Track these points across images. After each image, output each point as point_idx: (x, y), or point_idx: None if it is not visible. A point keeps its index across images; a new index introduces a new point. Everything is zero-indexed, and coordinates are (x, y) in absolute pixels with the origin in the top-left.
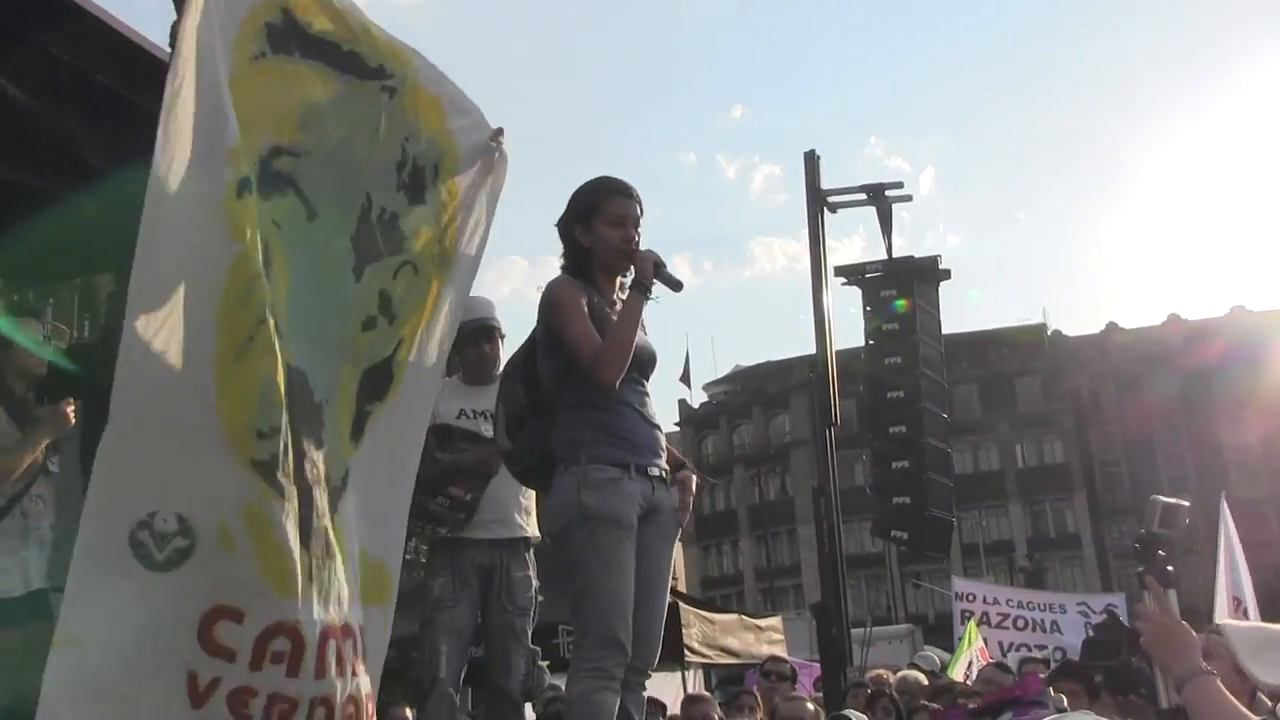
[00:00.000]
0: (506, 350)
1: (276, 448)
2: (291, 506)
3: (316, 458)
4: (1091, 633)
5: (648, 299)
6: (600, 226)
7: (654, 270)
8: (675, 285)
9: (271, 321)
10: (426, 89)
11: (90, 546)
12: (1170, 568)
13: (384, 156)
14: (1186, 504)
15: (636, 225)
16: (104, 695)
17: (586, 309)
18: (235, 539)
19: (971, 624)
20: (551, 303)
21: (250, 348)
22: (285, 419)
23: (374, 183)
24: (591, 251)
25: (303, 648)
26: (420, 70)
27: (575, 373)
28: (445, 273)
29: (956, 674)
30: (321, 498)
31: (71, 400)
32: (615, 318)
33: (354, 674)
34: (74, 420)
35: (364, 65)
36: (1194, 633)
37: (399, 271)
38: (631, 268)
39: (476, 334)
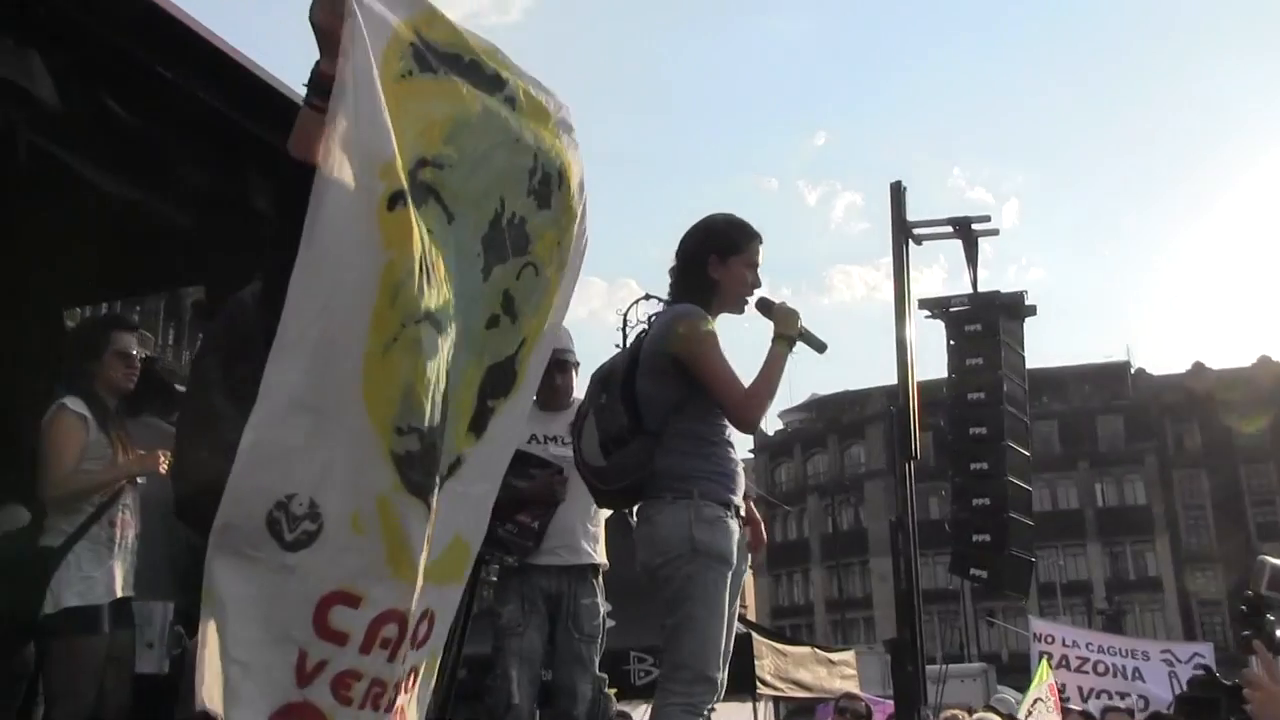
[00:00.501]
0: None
1: (414, 445)
2: (419, 502)
3: (444, 452)
4: (1181, 684)
5: (789, 353)
6: (737, 265)
7: (799, 328)
8: (820, 347)
9: (419, 325)
10: (531, 93)
11: (230, 521)
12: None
13: (521, 163)
14: None
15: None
16: (225, 654)
17: None
18: (365, 526)
19: (1044, 663)
20: (695, 336)
21: (394, 347)
22: (424, 422)
23: (509, 188)
24: (718, 286)
25: (404, 634)
26: (519, 74)
27: (692, 405)
28: (561, 273)
29: (1020, 713)
30: (437, 491)
31: (164, 454)
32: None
33: (395, 660)
34: (164, 468)
35: (484, 75)
36: None
37: (521, 272)
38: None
39: (555, 364)
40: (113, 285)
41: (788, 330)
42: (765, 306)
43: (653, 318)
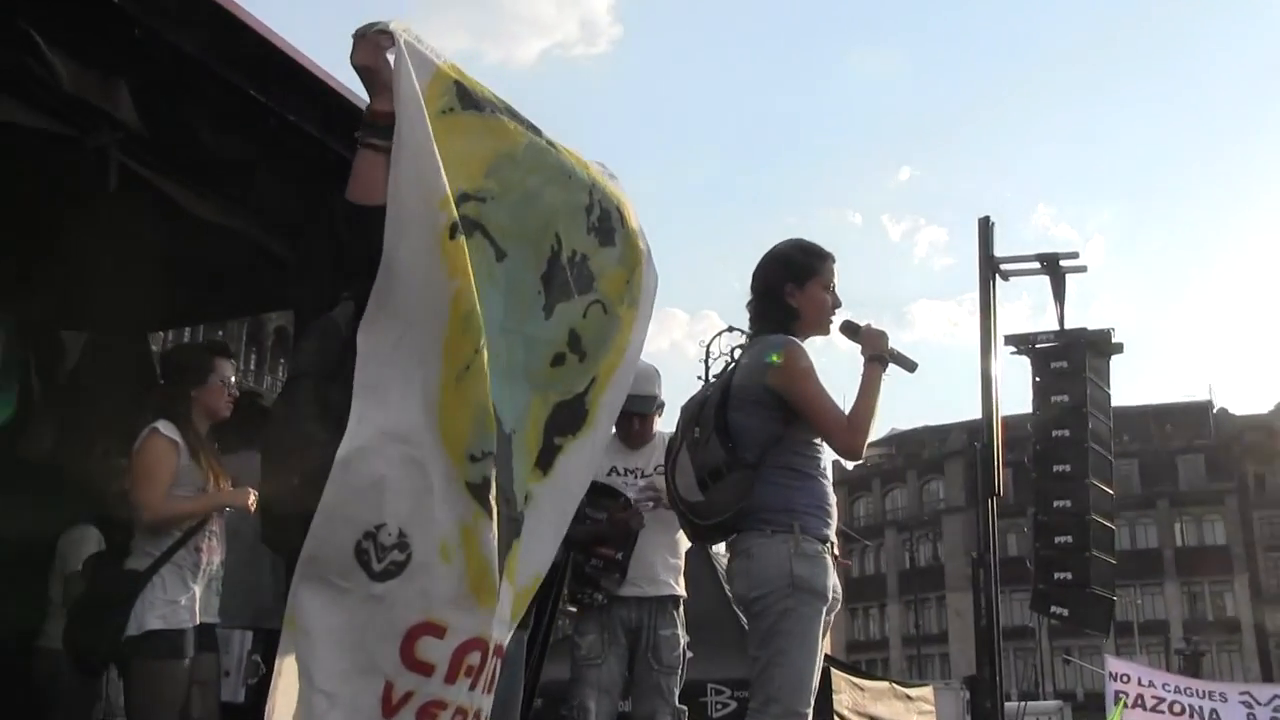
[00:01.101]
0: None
1: (488, 471)
2: (495, 528)
3: (505, 486)
4: None
5: (884, 373)
6: (814, 289)
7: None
8: (911, 366)
9: (485, 353)
10: (560, 142)
11: (318, 549)
12: None
13: (575, 201)
14: None
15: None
16: (309, 682)
17: None
18: (452, 555)
19: (1120, 705)
20: (791, 366)
21: (466, 375)
22: (495, 446)
23: (565, 226)
24: (799, 313)
25: (485, 661)
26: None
27: (792, 436)
28: (634, 311)
29: None
30: (509, 524)
31: (255, 492)
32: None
33: (487, 691)
34: (253, 507)
35: (521, 117)
36: None
37: (588, 310)
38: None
39: (642, 403)
40: (197, 310)
41: (878, 351)
42: (851, 330)
43: (736, 350)
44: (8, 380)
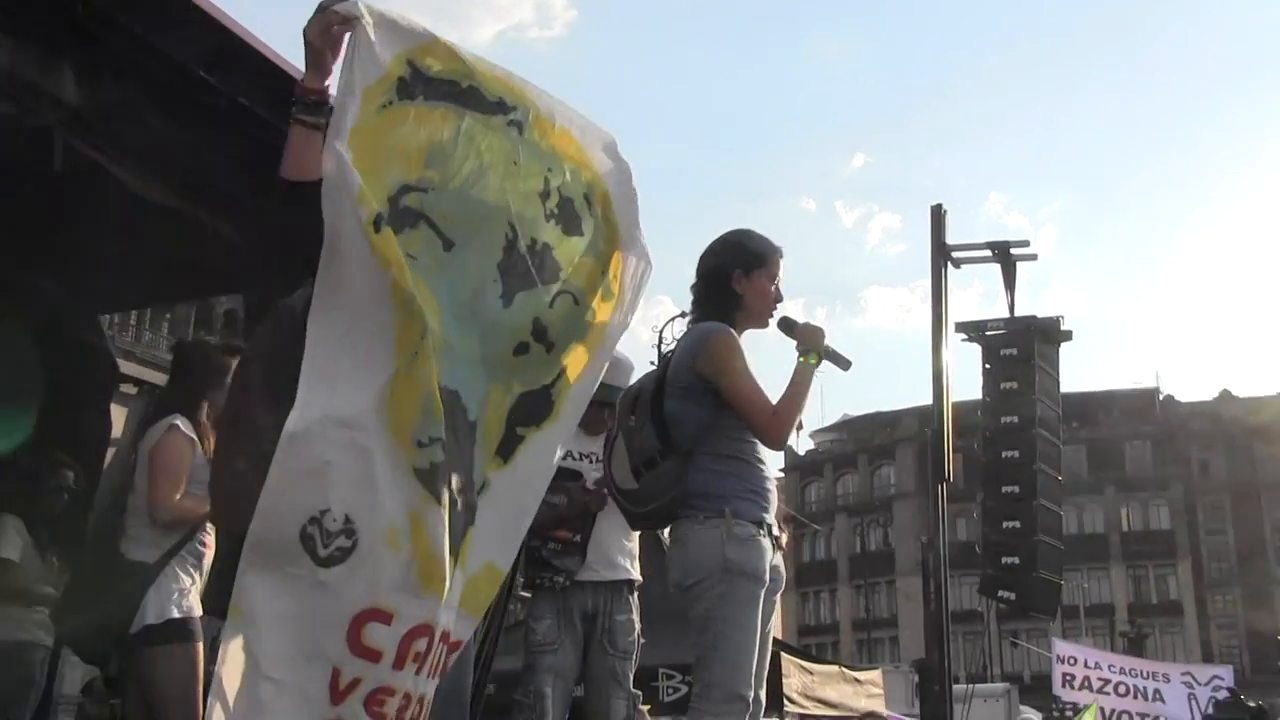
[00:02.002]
0: None
1: (436, 457)
2: (445, 514)
3: (465, 473)
4: (1200, 705)
5: (815, 370)
6: (761, 279)
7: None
8: (844, 364)
9: (430, 339)
10: (552, 120)
11: (263, 535)
12: None
13: (526, 187)
14: None
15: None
16: (255, 668)
17: None
18: (399, 542)
19: (1093, 708)
20: (720, 353)
21: (415, 361)
22: (443, 432)
23: (519, 213)
24: (743, 301)
25: (432, 647)
26: (539, 101)
27: (722, 423)
28: (610, 304)
29: None
30: (465, 511)
31: None
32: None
33: (433, 675)
34: None
35: (484, 100)
36: None
37: (556, 300)
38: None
39: (614, 394)
40: (145, 294)
41: (813, 347)
42: (788, 326)
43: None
44: None
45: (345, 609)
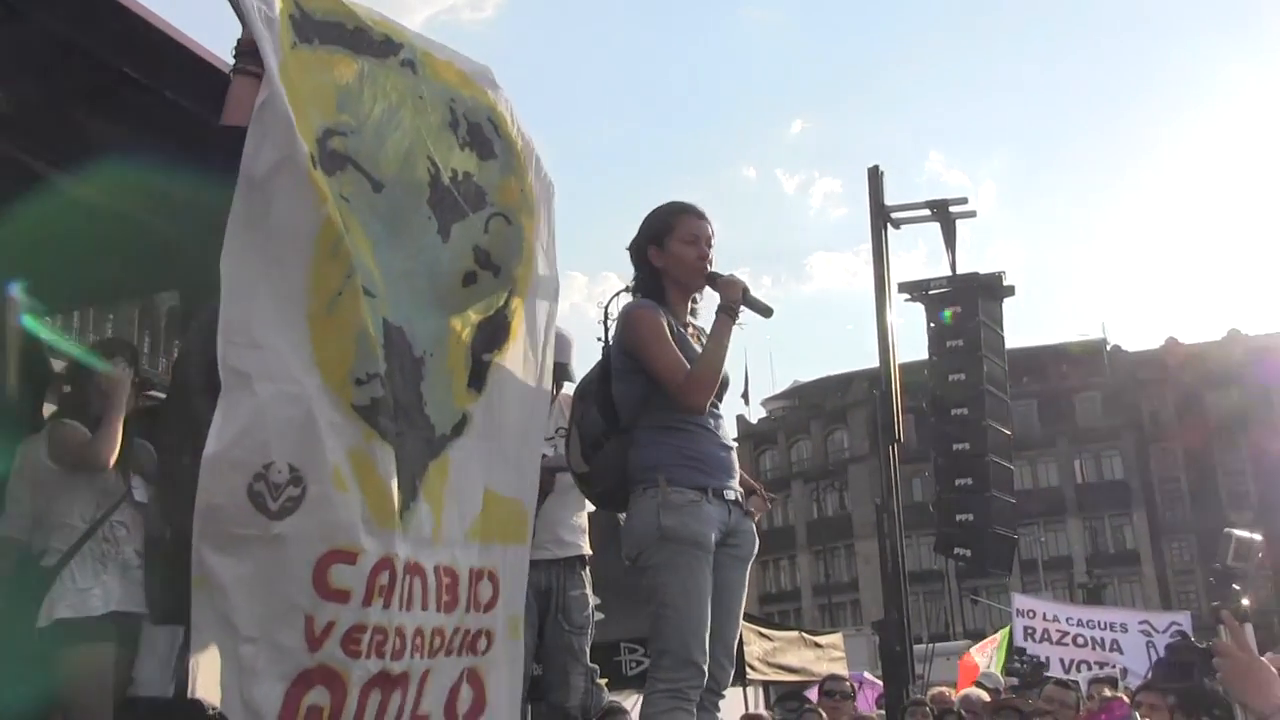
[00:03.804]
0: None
1: (376, 392)
2: (392, 449)
3: (415, 407)
4: (1159, 653)
5: (734, 323)
6: (675, 245)
7: (742, 295)
8: (765, 311)
9: (358, 277)
10: (435, 54)
11: (209, 500)
12: (1246, 601)
13: (434, 121)
14: (1260, 538)
15: (709, 243)
16: (234, 634)
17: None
18: (346, 481)
19: (1006, 631)
20: (635, 328)
21: (339, 302)
22: (384, 367)
23: (435, 146)
24: (665, 272)
25: (395, 580)
26: (417, 40)
27: (654, 396)
28: (532, 219)
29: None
30: (415, 444)
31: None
32: (692, 339)
33: (406, 608)
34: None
35: (372, 41)
36: (1274, 669)
37: (489, 224)
38: (705, 287)
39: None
40: (83, 293)
41: (730, 301)
42: (711, 279)
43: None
44: None
45: (307, 556)
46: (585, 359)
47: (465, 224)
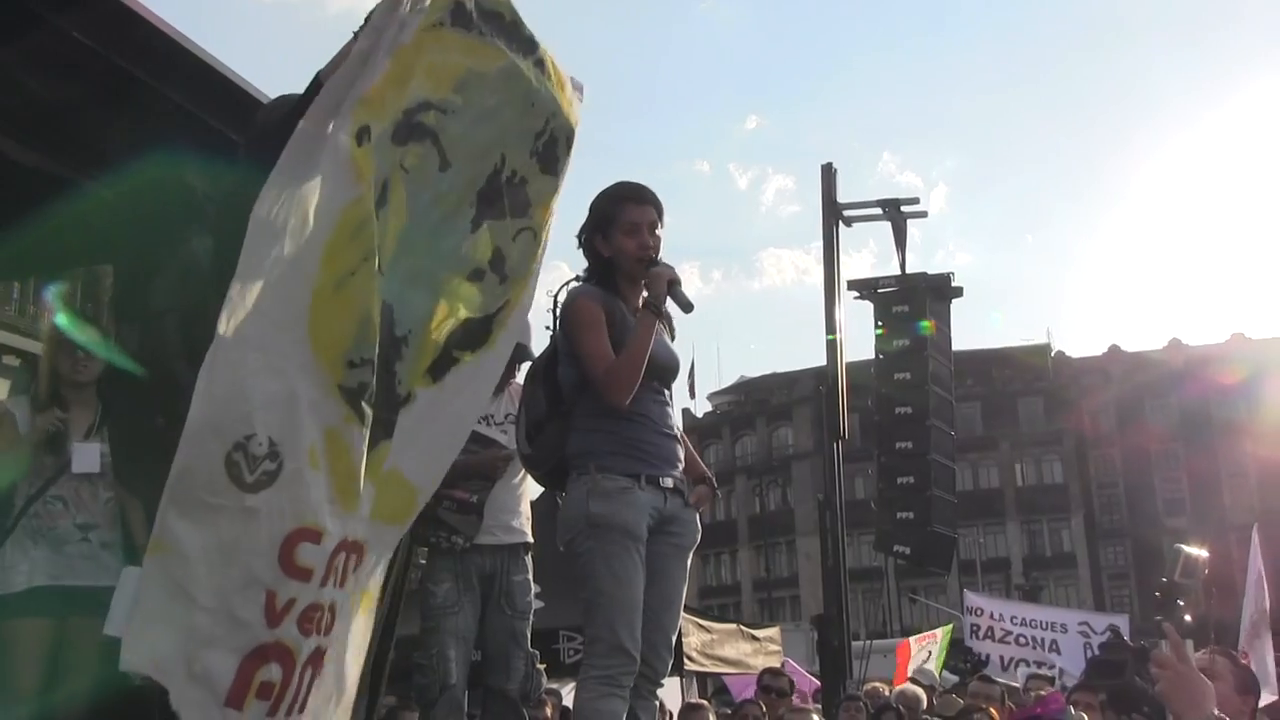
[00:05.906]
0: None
1: (365, 377)
2: (365, 432)
3: (387, 389)
4: (1094, 653)
5: (660, 316)
6: (617, 235)
7: (667, 288)
8: (686, 306)
9: (375, 260)
10: (557, 65)
11: (186, 464)
12: (1188, 617)
13: (529, 125)
14: (1206, 554)
15: (654, 229)
16: (189, 603)
17: (608, 320)
18: (319, 460)
19: (949, 627)
20: (569, 315)
21: (350, 281)
22: (375, 354)
23: (511, 146)
24: (613, 261)
25: (347, 561)
26: (544, 43)
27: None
28: (542, 248)
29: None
30: (382, 427)
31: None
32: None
33: (340, 586)
34: None
35: (522, 36)
36: (1209, 683)
37: (519, 235)
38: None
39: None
40: (28, 263)
41: (654, 295)
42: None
43: None
44: None
45: (276, 531)
46: (535, 347)
47: (499, 225)
